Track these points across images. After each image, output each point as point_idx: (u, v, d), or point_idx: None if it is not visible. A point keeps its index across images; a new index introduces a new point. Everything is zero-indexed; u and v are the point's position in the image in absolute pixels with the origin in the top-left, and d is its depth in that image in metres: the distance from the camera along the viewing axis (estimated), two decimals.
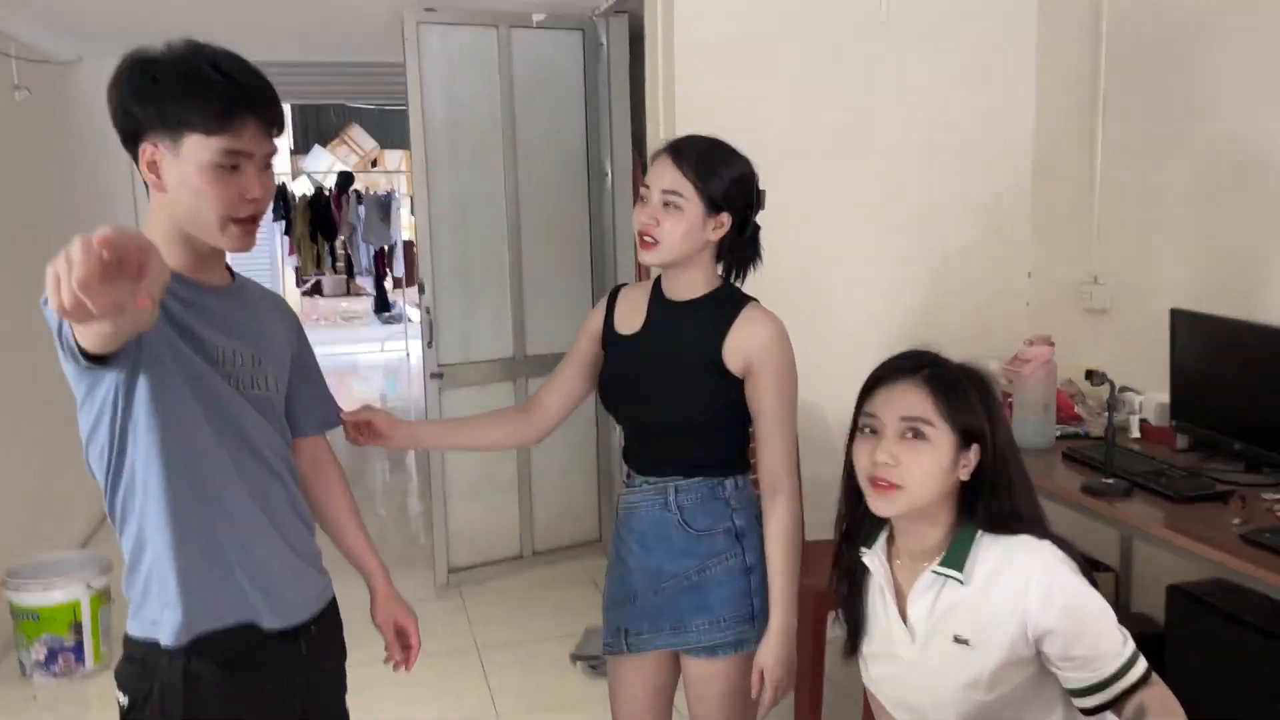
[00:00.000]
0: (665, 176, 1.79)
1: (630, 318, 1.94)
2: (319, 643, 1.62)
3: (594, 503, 4.38)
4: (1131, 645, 1.41)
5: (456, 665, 3.48)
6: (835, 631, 2.85)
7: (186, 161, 1.37)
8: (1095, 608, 1.42)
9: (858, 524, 1.60)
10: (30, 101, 4.04)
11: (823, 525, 3.06)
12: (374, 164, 12.60)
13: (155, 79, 1.37)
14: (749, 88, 3.30)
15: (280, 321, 1.65)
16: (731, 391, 1.84)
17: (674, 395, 1.85)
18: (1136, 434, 2.92)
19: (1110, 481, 2.47)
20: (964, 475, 1.46)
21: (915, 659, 1.53)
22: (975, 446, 1.46)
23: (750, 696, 1.87)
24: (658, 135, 3.35)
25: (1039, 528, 1.48)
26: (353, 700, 3.30)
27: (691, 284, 1.87)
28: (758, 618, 1.86)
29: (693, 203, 1.78)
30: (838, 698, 3.08)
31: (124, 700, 1.47)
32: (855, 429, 1.55)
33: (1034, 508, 1.51)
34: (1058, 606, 1.39)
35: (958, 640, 1.47)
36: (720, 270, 1.91)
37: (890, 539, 1.58)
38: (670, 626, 1.89)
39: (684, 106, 3.26)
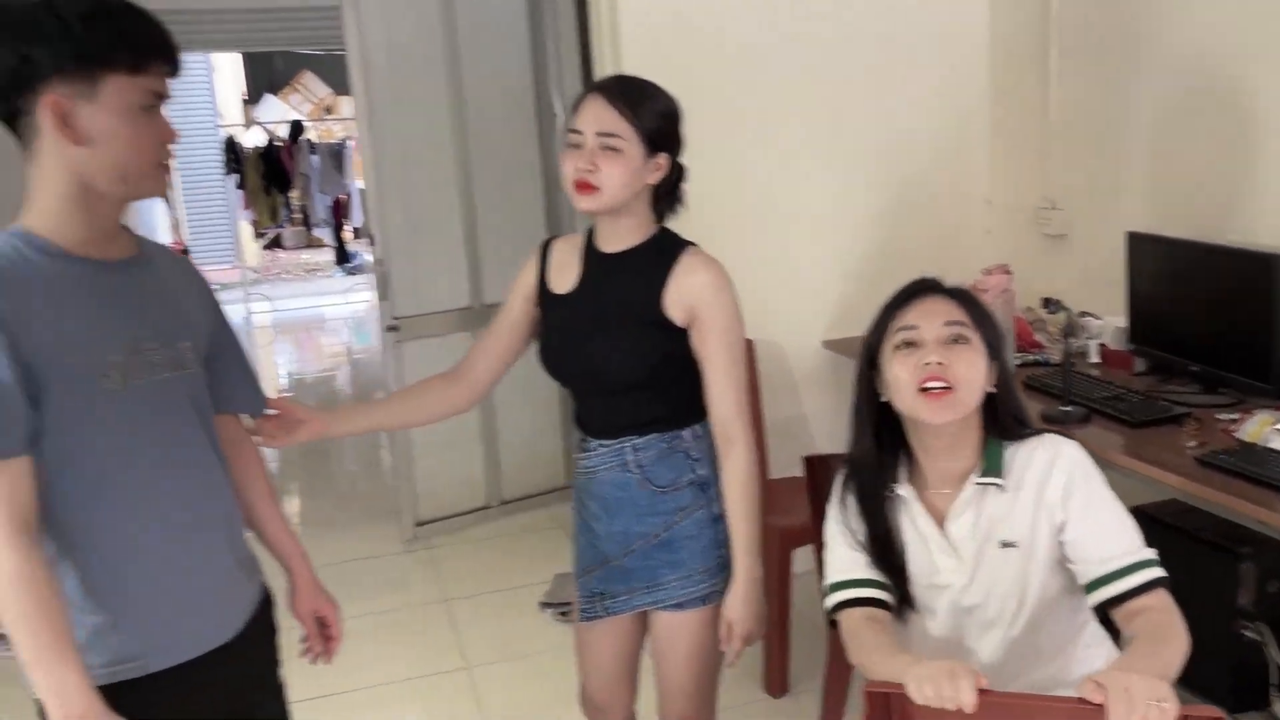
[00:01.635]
0: (602, 118, 1.70)
1: (564, 275, 1.86)
2: (244, 651, 1.53)
3: (560, 450, 4.35)
4: (1152, 553, 1.44)
5: (426, 617, 3.47)
6: (801, 567, 2.89)
7: (109, 107, 1.27)
8: (1109, 498, 1.48)
9: (883, 463, 1.58)
10: None
11: (791, 463, 3.08)
12: (328, 111, 12.32)
13: (61, 18, 1.24)
14: (700, 22, 3.21)
15: (193, 289, 1.54)
16: (677, 343, 1.77)
17: (618, 354, 1.77)
18: (1096, 359, 2.91)
19: (1068, 409, 2.47)
20: (990, 387, 1.51)
21: (965, 581, 1.53)
22: (996, 361, 1.53)
23: (716, 649, 1.85)
24: (605, 72, 3.26)
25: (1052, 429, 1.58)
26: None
27: (628, 233, 1.79)
28: (726, 568, 1.83)
29: (632, 144, 1.70)
30: (809, 630, 3.10)
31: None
32: (879, 349, 1.56)
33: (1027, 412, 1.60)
34: (1076, 495, 1.46)
35: (1005, 545, 1.50)
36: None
37: (911, 474, 1.58)
38: (645, 586, 1.85)
39: (631, 44, 3.17)
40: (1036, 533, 1.49)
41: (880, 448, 1.57)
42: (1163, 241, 2.69)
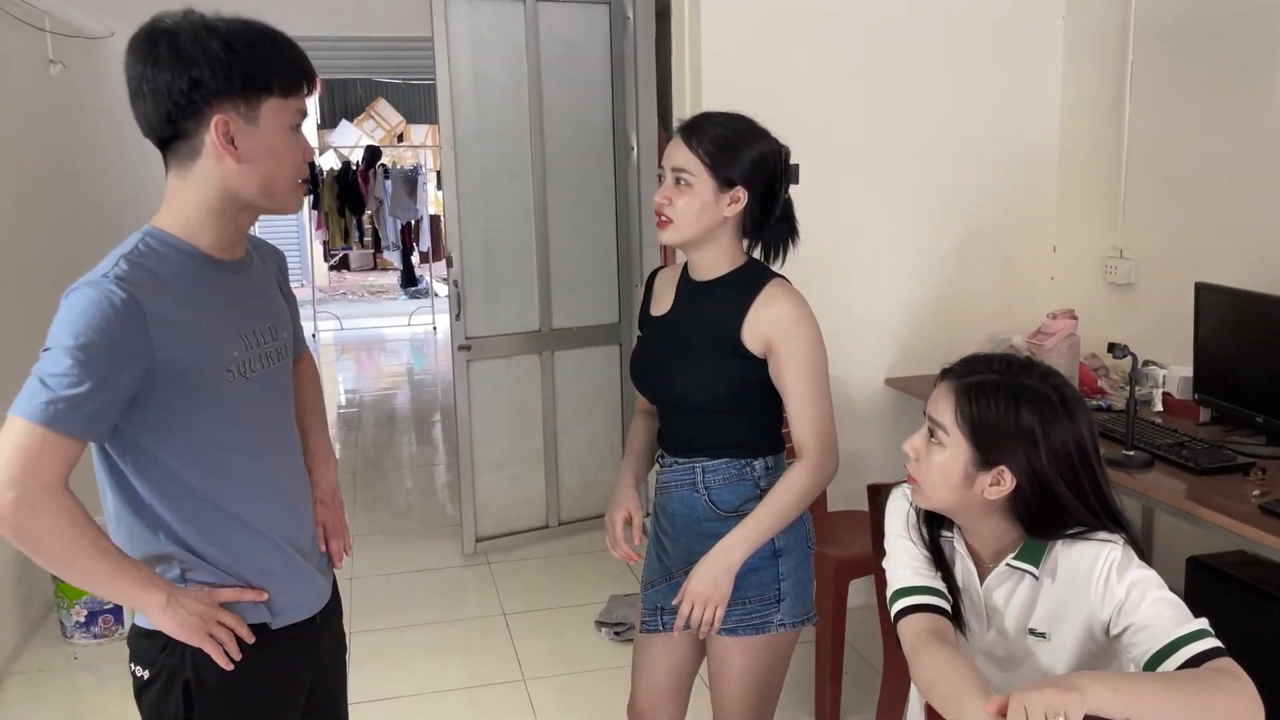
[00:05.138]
0: (676, 155, 1.80)
1: (662, 300, 1.96)
2: (325, 625, 1.63)
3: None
4: (1203, 622, 1.36)
5: (484, 630, 3.55)
6: (855, 601, 2.92)
7: (266, 128, 1.37)
8: (1157, 581, 1.41)
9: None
10: (65, 76, 4.10)
11: (848, 497, 3.13)
12: (400, 138, 12.67)
13: (230, 46, 1.34)
14: (776, 63, 3.31)
15: (274, 269, 1.64)
16: (752, 372, 1.82)
17: (694, 377, 1.84)
18: (1159, 407, 2.93)
19: (1131, 454, 2.49)
20: (991, 495, 1.45)
21: (985, 648, 1.53)
22: (1004, 469, 1.43)
23: (772, 675, 1.90)
24: (684, 110, 3.37)
25: (1111, 527, 1.46)
26: (382, 665, 3.36)
27: (714, 263, 1.86)
28: (785, 600, 1.87)
29: (702, 179, 1.77)
30: (861, 661, 3.13)
31: (141, 673, 1.46)
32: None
33: (1098, 521, 1.46)
34: (1124, 584, 1.39)
35: (1034, 633, 1.48)
36: (747, 248, 1.90)
37: (963, 530, 1.56)
38: None
39: (710, 82, 3.27)
40: (1068, 627, 1.46)
41: None
42: (1231, 293, 2.71)
